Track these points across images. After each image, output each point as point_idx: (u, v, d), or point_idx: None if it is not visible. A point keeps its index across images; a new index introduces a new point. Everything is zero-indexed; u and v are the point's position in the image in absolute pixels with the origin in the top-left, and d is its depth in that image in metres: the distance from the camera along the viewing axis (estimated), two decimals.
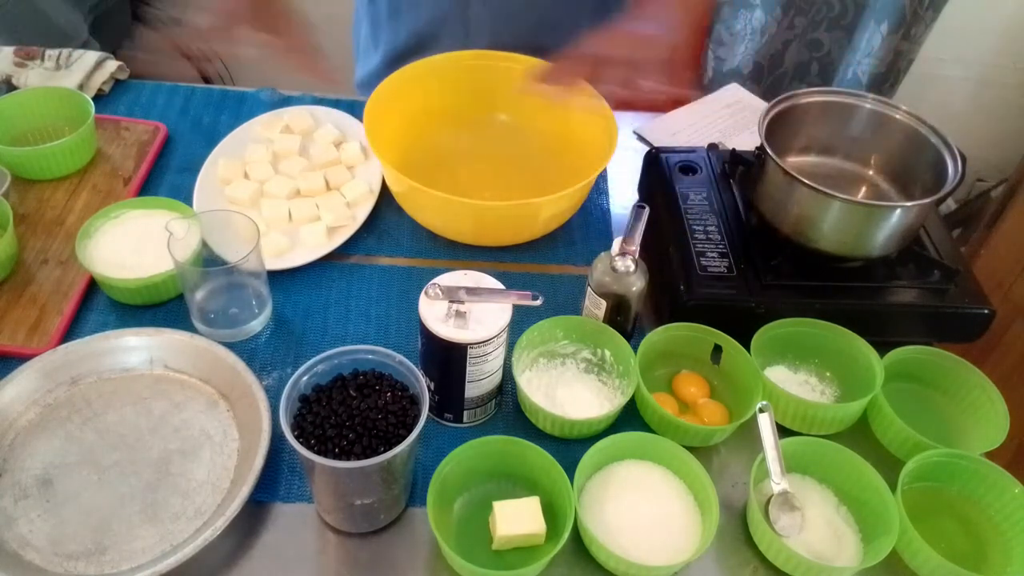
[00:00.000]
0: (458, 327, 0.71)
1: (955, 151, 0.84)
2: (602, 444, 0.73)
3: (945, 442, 0.78)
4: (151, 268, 0.85)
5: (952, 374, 0.84)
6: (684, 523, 0.72)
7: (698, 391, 0.84)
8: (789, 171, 0.81)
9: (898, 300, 0.86)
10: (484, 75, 1.06)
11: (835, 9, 1.72)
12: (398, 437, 0.66)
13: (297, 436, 0.66)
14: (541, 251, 0.99)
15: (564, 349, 0.84)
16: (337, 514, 0.72)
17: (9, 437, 0.75)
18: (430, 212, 0.96)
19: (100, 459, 0.74)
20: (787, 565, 0.71)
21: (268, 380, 0.82)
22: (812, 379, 0.86)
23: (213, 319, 0.85)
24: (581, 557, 0.71)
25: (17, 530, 0.69)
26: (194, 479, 0.73)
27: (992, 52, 1.85)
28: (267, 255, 0.88)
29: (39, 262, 0.90)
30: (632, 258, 0.79)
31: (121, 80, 1.17)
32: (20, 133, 1.03)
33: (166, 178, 1.03)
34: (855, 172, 0.95)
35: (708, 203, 0.93)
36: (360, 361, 0.71)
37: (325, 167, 1.02)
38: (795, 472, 0.77)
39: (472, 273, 0.75)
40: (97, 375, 0.80)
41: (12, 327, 0.84)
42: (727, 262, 0.87)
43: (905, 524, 0.70)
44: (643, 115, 1.20)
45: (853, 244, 0.84)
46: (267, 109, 1.11)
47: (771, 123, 0.87)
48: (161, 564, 0.64)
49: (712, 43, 1.80)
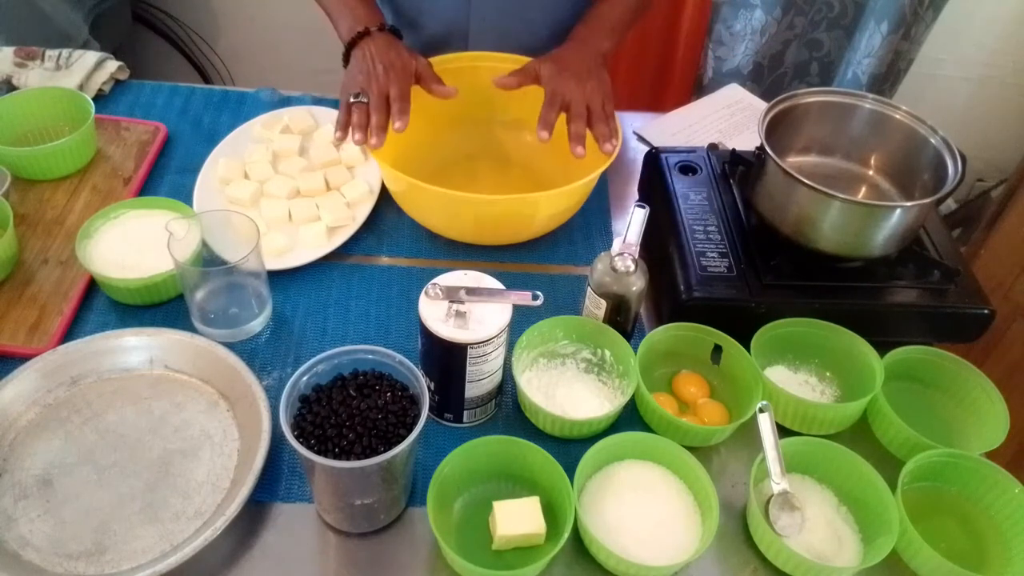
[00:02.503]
0: (458, 327, 0.71)
1: (955, 151, 0.84)
2: (602, 444, 0.73)
3: (945, 442, 0.78)
4: (151, 268, 0.85)
5: (952, 374, 0.84)
6: (684, 523, 0.72)
7: (698, 391, 0.84)
8: (789, 171, 0.81)
9: (898, 300, 0.86)
10: (484, 76, 1.06)
11: (835, 9, 1.72)
12: (398, 437, 0.66)
13: (297, 436, 0.66)
14: (541, 251, 0.99)
15: (564, 349, 0.84)
16: (337, 514, 0.72)
17: (9, 437, 0.75)
18: (429, 210, 0.95)
19: (100, 459, 0.74)
20: (787, 565, 0.71)
21: (268, 380, 0.82)
22: (812, 379, 0.86)
23: (213, 319, 0.85)
24: (581, 557, 0.71)
25: (17, 530, 0.69)
26: (194, 479, 0.73)
27: (992, 52, 1.85)
28: (267, 255, 0.88)
29: (39, 262, 0.90)
30: (632, 258, 0.79)
31: (121, 80, 1.17)
32: (20, 133, 1.03)
33: (166, 178, 1.03)
34: (855, 172, 0.95)
35: (708, 203, 0.93)
36: (360, 361, 0.71)
37: (325, 167, 1.02)
38: (795, 472, 0.77)
39: (472, 273, 0.75)
40: (97, 375, 0.80)
41: (12, 327, 0.84)
42: (727, 262, 0.87)
43: (905, 524, 0.70)
44: (643, 115, 1.21)
45: (853, 244, 0.84)
46: (267, 109, 1.11)
47: (771, 123, 0.87)
48: (161, 564, 0.64)
49: (712, 43, 1.80)
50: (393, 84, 0.91)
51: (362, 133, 0.89)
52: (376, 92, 0.91)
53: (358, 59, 0.95)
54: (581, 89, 0.93)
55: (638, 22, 1.10)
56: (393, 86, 0.91)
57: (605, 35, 1.02)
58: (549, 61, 0.97)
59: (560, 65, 0.96)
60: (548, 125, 0.92)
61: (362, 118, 0.90)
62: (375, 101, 0.90)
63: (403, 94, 0.91)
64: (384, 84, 0.91)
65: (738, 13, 1.73)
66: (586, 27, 1.03)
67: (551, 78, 0.95)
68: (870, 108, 0.91)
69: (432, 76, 0.97)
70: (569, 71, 0.95)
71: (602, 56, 1.00)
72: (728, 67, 1.82)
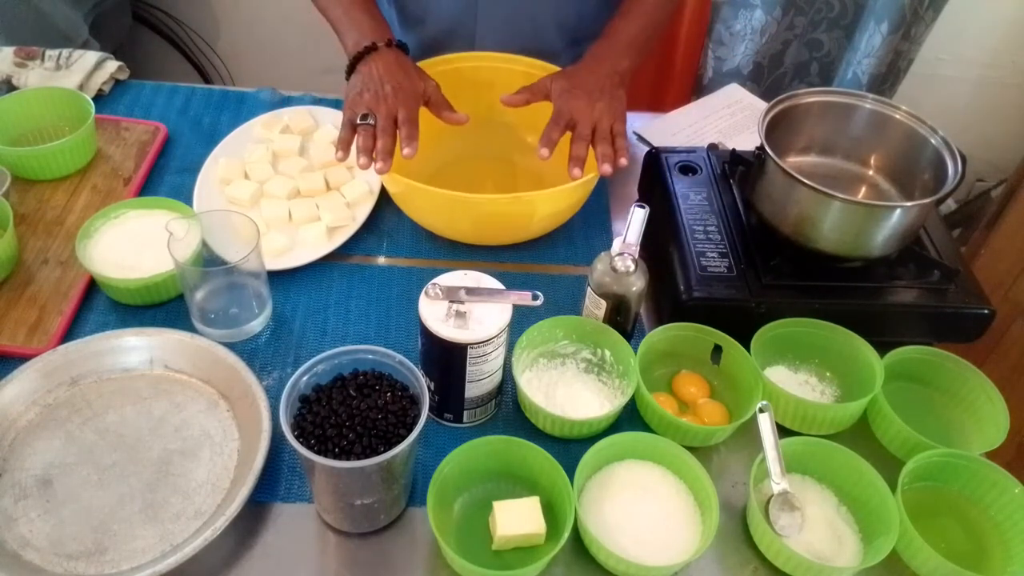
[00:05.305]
0: (458, 327, 0.71)
1: (955, 151, 0.84)
2: (602, 444, 0.73)
3: (945, 442, 0.78)
4: (151, 268, 0.85)
5: (952, 374, 0.84)
6: (684, 523, 0.72)
7: (698, 391, 0.84)
8: (789, 171, 0.81)
9: (898, 300, 0.86)
10: (485, 76, 1.06)
11: (835, 9, 1.72)
12: (398, 437, 0.66)
13: (297, 436, 0.66)
14: (541, 251, 0.99)
15: (564, 349, 0.84)
16: (337, 514, 0.72)
17: (9, 437, 0.75)
18: (428, 211, 0.95)
19: (100, 459, 0.74)
20: (787, 565, 0.71)
21: (268, 380, 0.82)
22: (812, 379, 0.86)
23: (213, 319, 0.85)
24: (581, 557, 0.71)
25: (17, 530, 0.69)
26: (194, 479, 0.73)
27: (992, 52, 1.85)
28: (267, 255, 0.88)
29: (39, 262, 0.90)
30: (632, 258, 0.79)
31: (121, 80, 1.17)
32: (20, 133, 1.03)
33: (166, 178, 1.03)
34: (855, 172, 0.95)
35: (708, 203, 0.93)
36: (360, 361, 0.71)
37: (325, 167, 1.02)
38: (795, 472, 0.77)
39: (472, 273, 0.75)
40: (97, 375, 0.80)
41: (12, 327, 0.84)
42: (727, 262, 0.87)
43: (905, 524, 0.70)
44: (643, 115, 1.21)
45: (853, 244, 0.84)
46: (267, 109, 1.11)
47: (771, 123, 0.87)
48: (161, 564, 0.64)
49: (712, 43, 1.79)
50: (402, 107, 0.88)
51: (367, 157, 0.85)
52: (384, 114, 0.87)
53: (364, 76, 0.91)
54: (590, 109, 0.91)
55: (659, 36, 1.06)
56: (402, 109, 0.88)
57: (623, 53, 0.98)
58: (562, 78, 0.95)
59: (572, 82, 0.94)
60: (550, 143, 0.89)
61: (368, 141, 0.86)
62: (383, 123, 0.87)
63: (411, 117, 0.88)
64: (392, 106, 0.88)
65: (738, 13, 1.73)
66: (603, 45, 0.99)
67: (561, 95, 0.93)
68: (870, 108, 0.91)
69: (442, 102, 0.94)
70: (581, 89, 0.93)
71: (619, 75, 0.96)
72: (728, 67, 1.82)
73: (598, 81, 0.94)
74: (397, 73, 0.91)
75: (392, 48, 0.94)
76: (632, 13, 1.02)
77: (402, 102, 0.89)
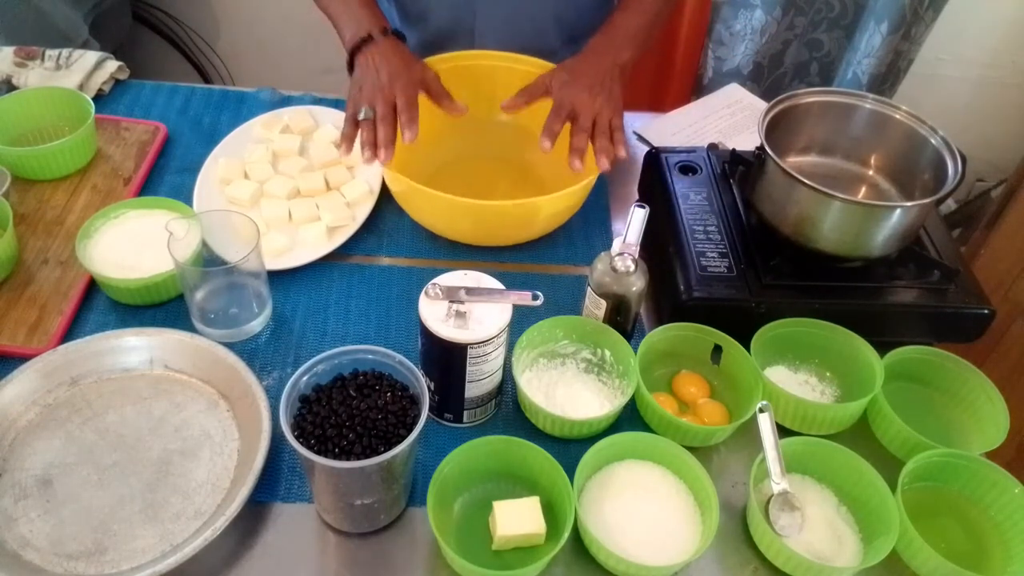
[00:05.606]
0: (458, 327, 0.71)
1: (955, 151, 0.84)
2: (602, 444, 0.73)
3: (945, 442, 0.78)
4: (151, 268, 0.85)
5: (952, 374, 0.84)
6: (684, 523, 0.72)
7: (698, 391, 0.84)
8: (789, 171, 0.81)
9: (898, 300, 0.86)
10: (485, 75, 1.06)
11: (835, 9, 1.72)
12: (398, 437, 0.66)
13: (297, 436, 0.66)
14: (541, 251, 0.99)
15: (564, 349, 0.84)
16: (337, 514, 0.72)
17: (9, 437, 0.75)
18: (429, 212, 0.95)
19: (100, 459, 0.74)
20: (787, 565, 0.71)
21: (268, 380, 0.82)
22: (812, 379, 0.86)
23: (213, 319, 0.85)
24: (581, 557, 0.71)
25: (17, 530, 0.69)
26: (194, 479, 0.73)
27: (992, 52, 1.85)
28: (267, 255, 0.88)
29: (39, 262, 0.90)
30: (632, 258, 0.79)
31: (121, 80, 1.17)
32: (20, 133, 1.03)
33: (166, 178, 1.03)
34: (855, 172, 0.95)
35: (708, 203, 0.93)
36: (360, 361, 0.71)
37: (325, 167, 1.02)
38: (795, 472, 0.77)
39: (472, 273, 0.75)
40: (97, 375, 0.80)
41: (12, 327, 0.84)
42: (727, 262, 0.87)
43: (905, 524, 0.70)
44: (643, 115, 1.21)
45: (853, 244, 0.84)
46: (267, 109, 1.11)
47: (771, 123, 0.87)
48: (161, 564, 0.64)
49: (712, 43, 1.80)
50: (400, 93, 0.89)
51: (371, 150, 0.87)
52: (382, 103, 0.88)
53: (363, 68, 0.92)
54: (591, 101, 0.91)
55: (660, 29, 1.06)
56: (400, 95, 0.89)
57: (623, 45, 0.99)
58: (562, 70, 0.95)
59: (572, 75, 0.94)
60: (552, 135, 0.90)
61: (370, 136, 0.87)
62: (382, 111, 0.88)
63: (410, 102, 0.89)
64: (390, 94, 0.89)
65: (738, 13, 1.73)
66: (603, 37, 1.00)
67: (561, 87, 0.93)
68: (870, 108, 0.91)
69: (441, 90, 0.95)
70: (581, 82, 0.93)
71: (619, 68, 0.97)
72: (728, 67, 1.82)
73: (599, 74, 0.94)
74: (394, 60, 0.92)
75: (389, 37, 0.95)
76: (632, 7, 1.02)
77: (400, 89, 0.90)
